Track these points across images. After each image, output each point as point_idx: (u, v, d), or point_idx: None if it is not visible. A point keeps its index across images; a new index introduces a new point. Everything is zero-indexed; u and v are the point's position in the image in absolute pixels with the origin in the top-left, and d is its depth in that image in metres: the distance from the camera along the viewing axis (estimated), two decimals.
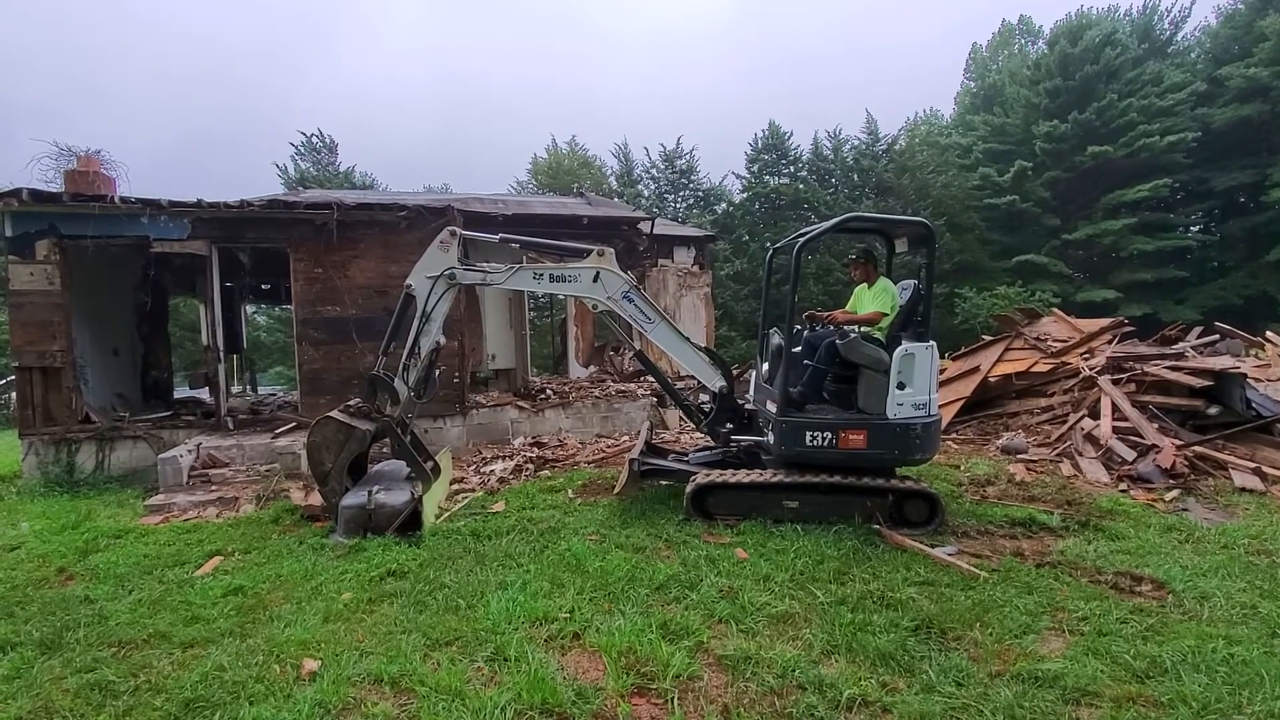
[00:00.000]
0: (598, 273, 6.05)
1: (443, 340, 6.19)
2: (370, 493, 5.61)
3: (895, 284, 5.91)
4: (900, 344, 5.32)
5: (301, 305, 9.08)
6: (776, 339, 6.18)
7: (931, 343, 5.36)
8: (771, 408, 5.62)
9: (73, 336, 8.52)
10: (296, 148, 37.36)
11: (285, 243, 8.99)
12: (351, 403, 6.05)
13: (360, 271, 9.14)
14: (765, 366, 6.31)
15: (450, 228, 6.17)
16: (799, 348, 6.03)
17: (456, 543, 5.18)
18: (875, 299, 5.83)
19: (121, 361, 10.70)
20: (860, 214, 6.16)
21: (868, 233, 6.49)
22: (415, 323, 6.00)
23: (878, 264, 6.12)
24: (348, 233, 9.05)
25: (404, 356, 6.02)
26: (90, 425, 8.48)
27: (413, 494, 5.62)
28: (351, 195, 13.18)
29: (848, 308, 6.21)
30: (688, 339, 6.32)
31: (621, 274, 6.11)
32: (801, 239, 5.77)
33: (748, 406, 6.40)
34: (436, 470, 6.33)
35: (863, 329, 5.82)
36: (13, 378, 9.47)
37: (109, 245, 8.58)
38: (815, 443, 5.33)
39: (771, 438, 5.57)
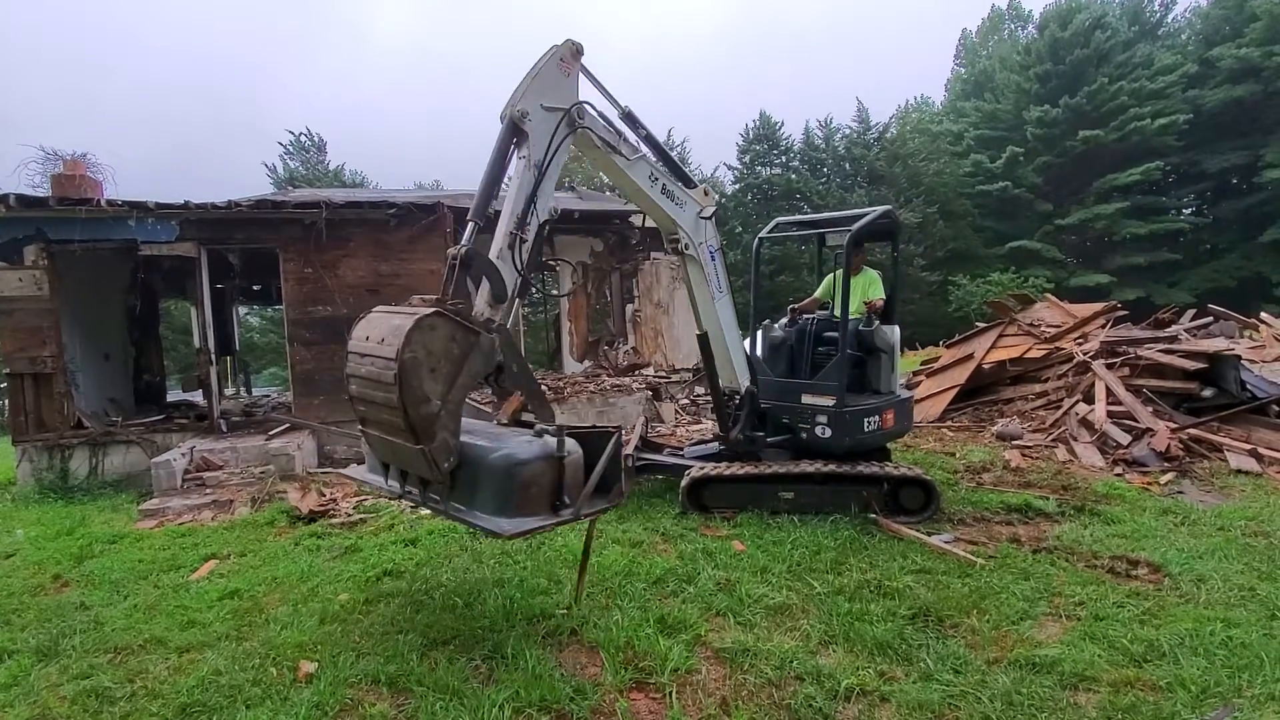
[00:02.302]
0: (711, 213, 5.44)
1: (558, 208, 4.38)
2: (546, 433, 3.36)
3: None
4: (884, 328, 5.82)
5: (292, 306, 9.02)
6: (777, 331, 6.19)
7: (896, 325, 6.01)
8: (816, 400, 5.61)
9: (63, 341, 8.45)
10: (285, 147, 37.18)
11: (275, 243, 8.92)
12: (428, 296, 3.45)
13: (350, 270, 9.09)
14: (760, 358, 6.23)
15: (574, 43, 4.18)
16: (794, 338, 6.06)
17: (453, 541, 5.16)
18: (873, 286, 6.12)
19: (113, 366, 10.62)
20: (888, 208, 6.17)
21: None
22: (523, 176, 3.91)
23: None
24: (337, 232, 8.98)
25: (507, 224, 3.81)
26: (83, 430, 8.42)
27: (614, 433, 3.50)
28: (340, 194, 13.05)
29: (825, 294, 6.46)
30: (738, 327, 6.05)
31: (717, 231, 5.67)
32: (849, 230, 5.69)
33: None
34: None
35: (861, 314, 5.95)
36: (4, 384, 9.40)
37: (97, 249, 8.50)
38: (870, 428, 5.53)
39: (829, 432, 5.51)
